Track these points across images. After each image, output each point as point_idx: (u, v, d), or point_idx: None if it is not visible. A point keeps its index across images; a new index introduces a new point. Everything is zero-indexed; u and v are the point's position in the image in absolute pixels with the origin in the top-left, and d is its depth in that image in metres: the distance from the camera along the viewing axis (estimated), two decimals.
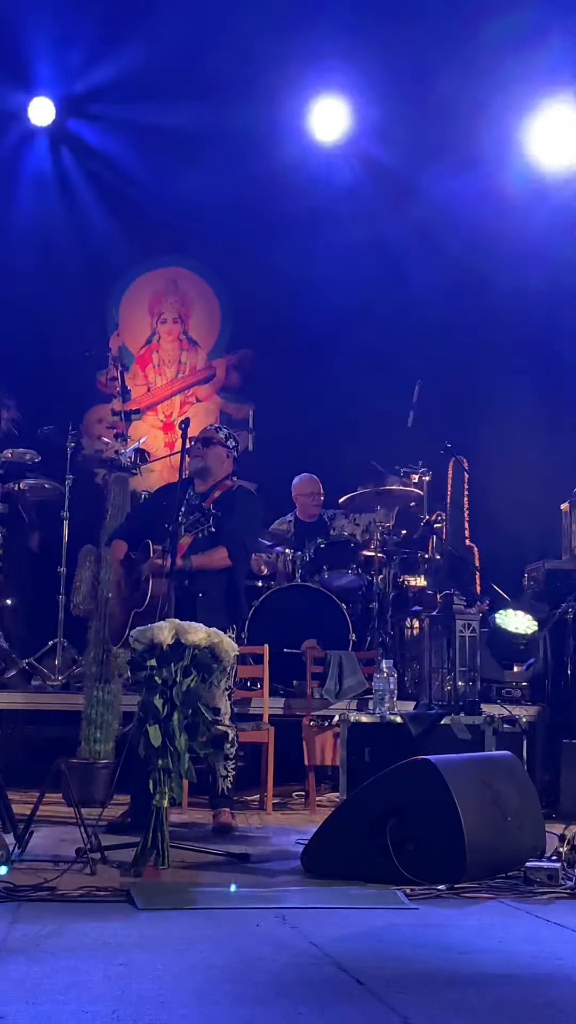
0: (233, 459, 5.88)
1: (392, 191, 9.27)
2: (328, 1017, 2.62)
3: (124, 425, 7.90)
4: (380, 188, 9.35)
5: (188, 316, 9.79)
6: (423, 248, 9.29)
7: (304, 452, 9.14)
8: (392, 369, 8.91)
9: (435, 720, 5.46)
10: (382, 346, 9.25)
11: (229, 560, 5.58)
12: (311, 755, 6.32)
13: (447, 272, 9.20)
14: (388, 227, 9.37)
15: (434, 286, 9.20)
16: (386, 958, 3.16)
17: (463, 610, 6.04)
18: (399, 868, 4.07)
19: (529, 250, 9.06)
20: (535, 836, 4.51)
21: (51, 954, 3.09)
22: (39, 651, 7.14)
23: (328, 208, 9.38)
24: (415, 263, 9.31)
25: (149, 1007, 2.63)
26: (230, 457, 5.86)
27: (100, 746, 6.18)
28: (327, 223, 9.40)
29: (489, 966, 3.13)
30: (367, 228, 9.39)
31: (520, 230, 9.06)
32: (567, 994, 2.86)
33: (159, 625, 4.53)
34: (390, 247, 9.35)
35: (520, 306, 9.28)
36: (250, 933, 3.41)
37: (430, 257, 9.27)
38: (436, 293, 9.19)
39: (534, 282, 9.11)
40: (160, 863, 4.30)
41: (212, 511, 5.53)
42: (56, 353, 9.01)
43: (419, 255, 9.31)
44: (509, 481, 9.12)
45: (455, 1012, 2.66)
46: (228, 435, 5.90)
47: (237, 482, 5.89)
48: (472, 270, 9.14)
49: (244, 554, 5.72)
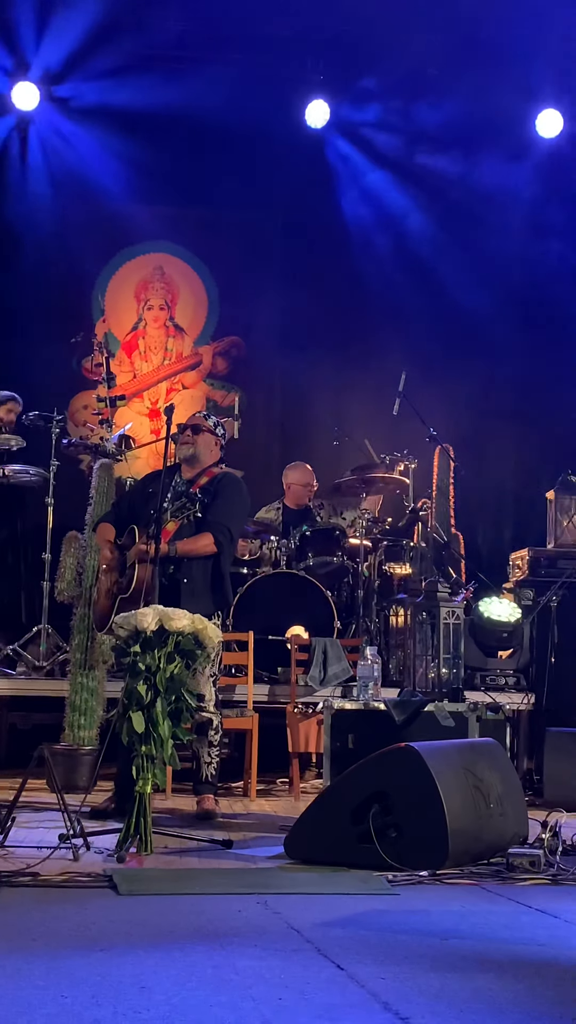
0: (220, 446, 5.88)
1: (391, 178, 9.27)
2: (308, 1002, 2.61)
3: (109, 411, 7.86)
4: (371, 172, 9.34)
5: (174, 303, 9.76)
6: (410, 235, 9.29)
7: (290, 440, 9.16)
8: (379, 357, 8.91)
9: (419, 707, 5.46)
10: (368, 334, 9.25)
11: (215, 547, 5.56)
12: (295, 742, 6.33)
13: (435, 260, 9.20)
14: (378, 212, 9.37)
15: (421, 274, 9.20)
16: (368, 943, 3.16)
17: (448, 598, 6.05)
18: (382, 854, 4.08)
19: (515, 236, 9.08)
20: (518, 823, 4.53)
21: (32, 939, 3.09)
22: (23, 637, 7.12)
23: (314, 194, 9.36)
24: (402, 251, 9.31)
25: (129, 992, 2.63)
26: (218, 444, 5.87)
27: (84, 732, 6.17)
28: (314, 209, 9.38)
29: (471, 951, 3.13)
30: (355, 213, 9.38)
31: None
32: (547, 979, 2.87)
33: (143, 611, 4.52)
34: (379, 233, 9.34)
35: (508, 294, 9.29)
36: (232, 918, 3.41)
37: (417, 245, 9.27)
38: (423, 280, 9.19)
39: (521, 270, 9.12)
40: (143, 849, 4.31)
41: (199, 497, 5.52)
42: (42, 339, 8.97)
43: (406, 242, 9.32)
44: (495, 469, 9.14)
45: (436, 997, 2.66)
46: (216, 423, 5.90)
47: (224, 469, 5.89)
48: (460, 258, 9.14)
49: (229, 541, 5.70)
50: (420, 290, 9.19)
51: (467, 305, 9.10)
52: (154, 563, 5.19)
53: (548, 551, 7.36)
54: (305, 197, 9.34)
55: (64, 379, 9.15)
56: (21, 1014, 2.46)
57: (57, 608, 6.81)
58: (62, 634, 6.85)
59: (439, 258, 9.19)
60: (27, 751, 4.78)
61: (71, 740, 6.16)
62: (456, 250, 9.15)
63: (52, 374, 8.98)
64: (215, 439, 5.84)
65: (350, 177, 9.47)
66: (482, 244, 9.15)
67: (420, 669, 6.02)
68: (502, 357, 9.16)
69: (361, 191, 9.45)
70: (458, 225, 9.22)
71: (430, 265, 9.20)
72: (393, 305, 9.23)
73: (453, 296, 9.11)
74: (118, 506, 6.03)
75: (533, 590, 7.14)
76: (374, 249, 9.35)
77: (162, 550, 5.31)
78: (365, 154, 9.42)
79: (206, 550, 5.55)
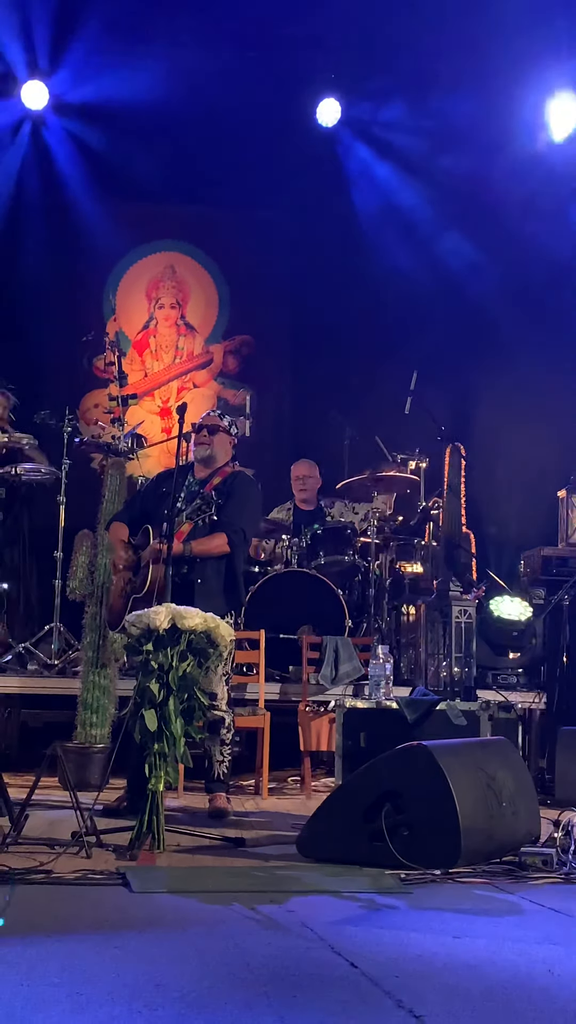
0: (233, 446, 5.90)
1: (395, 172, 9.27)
2: (323, 1000, 2.62)
3: (121, 410, 7.87)
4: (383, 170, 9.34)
5: (186, 302, 9.78)
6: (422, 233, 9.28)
7: (302, 439, 9.16)
8: (390, 356, 8.90)
9: (431, 706, 5.45)
10: (381, 332, 9.25)
11: (228, 547, 5.57)
12: (307, 740, 6.33)
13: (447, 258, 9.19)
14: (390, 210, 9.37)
15: (433, 273, 9.19)
16: (380, 942, 3.17)
17: (459, 596, 6.06)
18: (394, 853, 4.08)
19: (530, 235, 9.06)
20: (530, 822, 4.52)
21: (46, 936, 3.10)
22: (35, 636, 7.14)
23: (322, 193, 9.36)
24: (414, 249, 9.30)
25: (144, 989, 2.64)
26: (232, 444, 5.89)
27: (96, 730, 6.18)
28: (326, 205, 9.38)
29: (483, 950, 3.14)
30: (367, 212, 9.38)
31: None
32: (560, 979, 2.87)
33: (155, 610, 4.53)
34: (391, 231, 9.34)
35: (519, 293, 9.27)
36: (245, 917, 3.42)
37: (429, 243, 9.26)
38: (434, 278, 9.18)
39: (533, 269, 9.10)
40: (155, 847, 4.31)
41: (214, 498, 5.52)
42: (53, 338, 8.99)
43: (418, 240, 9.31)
44: (506, 468, 9.12)
45: (449, 996, 2.67)
46: (231, 422, 5.92)
47: (236, 467, 5.89)
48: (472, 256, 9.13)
49: (243, 541, 5.71)
50: (431, 288, 9.17)
51: (480, 303, 9.08)
52: (167, 563, 5.19)
53: (559, 550, 7.34)
54: (316, 195, 9.35)
55: (75, 378, 9.17)
56: (37, 1011, 2.47)
57: (69, 606, 6.83)
58: (74, 632, 6.87)
59: (451, 256, 9.18)
60: (39, 749, 4.80)
61: (83, 738, 6.16)
62: (468, 248, 9.14)
63: (63, 373, 9.00)
64: (229, 439, 5.86)
65: (361, 175, 9.46)
66: (494, 242, 9.13)
67: (432, 668, 6.03)
68: (514, 355, 9.13)
69: (373, 189, 9.44)
70: (470, 223, 9.20)
71: (442, 263, 9.18)
72: (405, 303, 9.22)
73: (465, 294, 9.10)
74: (131, 505, 6.04)
75: (544, 589, 7.13)
76: (386, 247, 9.33)
77: (177, 550, 5.32)
78: (377, 152, 9.42)
79: (220, 550, 5.56)
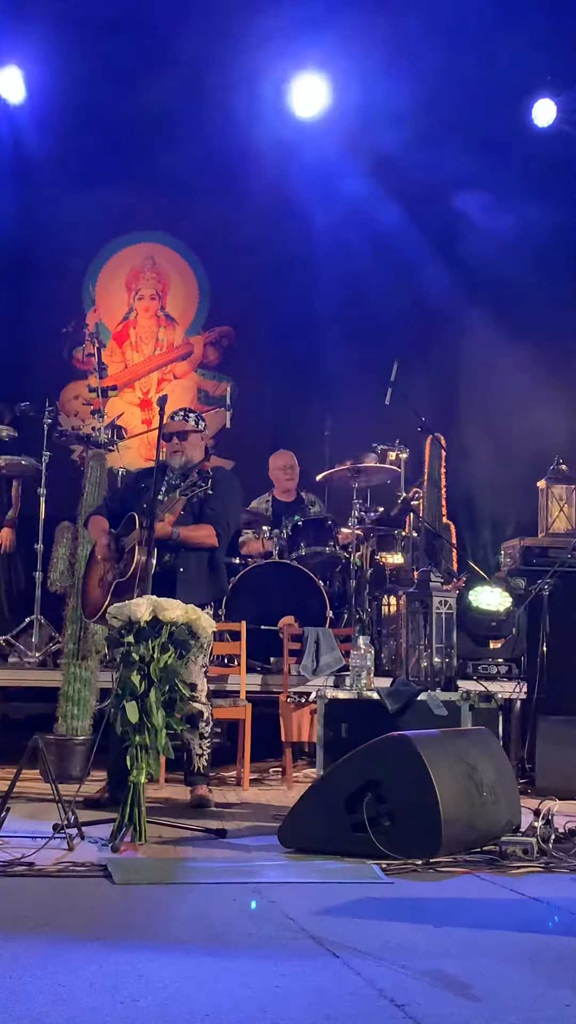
0: (204, 440, 5.92)
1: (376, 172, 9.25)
2: (305, 989, 2.63)
3: (101, 402, 7.87)
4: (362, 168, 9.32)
5: (165, 293, 9.75)
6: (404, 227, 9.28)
7: (282, 430, 9.15)
8: (371, 347, 8.91)
9: (412, 696, 5.47)
10: (360, 323, 9.25)
11: (215, 540, 5.61)
12: (288, 731, 6.34)
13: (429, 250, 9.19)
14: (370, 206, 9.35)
15: (415, 264, 9.19)
16: (362, 931, 3.17)
17: (440, 587, 6.06)
18: (375, 843, 4.09)
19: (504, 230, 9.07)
20: (511, 811, 4.54)
21: (28, 928, 3.09)
22: (16, 628, 7.12)
23: (307, 185, 9.33)
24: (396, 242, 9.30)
25: (127, 980, 2.64)
26: (203, 439, 5.90)
27: (77, 722, 6.17)
28: (305, 200, 9.36)
29: (465, 938, 3.15)
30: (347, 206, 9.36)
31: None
32: (539, 965, 2.88)
33: (136, 602, 4.53)
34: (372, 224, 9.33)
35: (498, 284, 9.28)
36: (227, 907, 3.43)
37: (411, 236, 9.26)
38: (416, 271, 9.18)
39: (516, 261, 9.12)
40: (137, 838, 4.32)
41: (209, 473, 5.48)
42: (33, 329, 8.94)
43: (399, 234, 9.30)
44: (486, 459, 9.14)
45: (431, 983, 2.68)
46: (197, 418, 5.89)
47: (212, 462, 5.92)
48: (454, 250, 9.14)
49: (227, 534, 5.75)
50: (411, 280, 9.18)
51: (459, 295, 9.09)
52: (150, 545, 5.20)
53: (539, 540, 7.37)
54: (296, 187, 9.32)
55: (55, 369, 9.14)
56: (19, 1002, 2.47)
57: (50, 598, 6.81)
58: (55, 624, 6.86)
59: (430, 250, 9.18)
60: (20, 741, 4.79)
61: (64, 730, 6.16)
62: (445, 243, 9.14)
63: (43, 364, 8.96)
64: (200, 435, 5.87)
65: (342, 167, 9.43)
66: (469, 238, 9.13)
67: (413, 658, 6.03)
68: (493, 346, 9.15)
69: (354, 179, 9.42)
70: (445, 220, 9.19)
71: (421, 256, 9.18)
72: (385, 295, 9.21)
73: (443, 286, 9.11)
74: (110, 500, 6.04)
75: (525, 579, 7.15)
76: (366, 239, 9.32)
77: (165, 531, 5.35)
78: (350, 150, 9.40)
79: (207, 540, 5.59)
